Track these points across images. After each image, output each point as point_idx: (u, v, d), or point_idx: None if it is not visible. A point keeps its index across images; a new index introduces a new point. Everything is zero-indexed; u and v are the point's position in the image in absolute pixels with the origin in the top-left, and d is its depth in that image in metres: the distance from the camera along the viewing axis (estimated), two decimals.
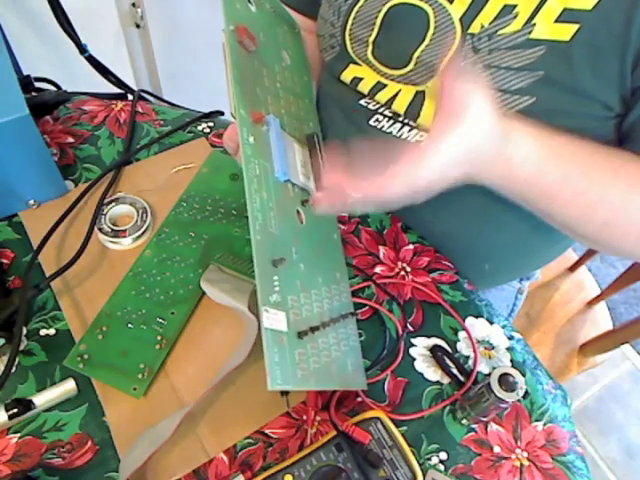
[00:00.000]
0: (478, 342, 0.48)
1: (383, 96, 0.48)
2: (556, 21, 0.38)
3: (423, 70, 0.44)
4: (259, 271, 0.33)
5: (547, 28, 0.38)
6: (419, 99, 0.46)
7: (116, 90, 1.01)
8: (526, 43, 0.39)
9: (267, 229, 0.36)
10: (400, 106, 0.48)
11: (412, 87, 0.46)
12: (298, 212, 0.41)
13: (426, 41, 0.44)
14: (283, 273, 0.36)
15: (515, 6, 0.40)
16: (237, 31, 0.40)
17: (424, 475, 0.40)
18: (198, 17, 1.12)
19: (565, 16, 0.38)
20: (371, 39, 0.47)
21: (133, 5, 1.03)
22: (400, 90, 0.47)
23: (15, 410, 0.39)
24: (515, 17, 0.40)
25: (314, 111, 0.52)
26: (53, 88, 0.70)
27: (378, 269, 0.52)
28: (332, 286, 0.42)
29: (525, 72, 0.40)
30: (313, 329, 0.37)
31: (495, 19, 0.40)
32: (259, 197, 0.36)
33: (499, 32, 0.40)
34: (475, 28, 0.41)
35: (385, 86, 0.48)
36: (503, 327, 0.50)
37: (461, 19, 0.42)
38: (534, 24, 0.39)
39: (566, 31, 0.38)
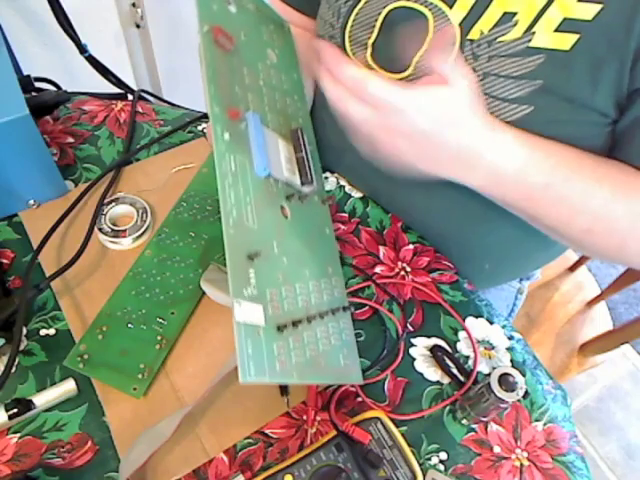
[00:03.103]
0: (478, 342, 0.48)
1: None
2: (556, 30, 0.38)
3: (422, 74, 0.44)
4: (231, 264, 0.33)
5: (547, 37, 0.39)
6: None
7: (116, 90, 1.01)
8: (526, 51, 0.39)
9: (243, 223, 0.36)
10: None
11: None
12: (283, 207, 0.41)
13: (425, 45, 0.44)
14: (261, 266, 0.36)
15: (515, 14, 0.40)
16: (212, 31, 0.40)
17: (424, 475, 0.40)
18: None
19: (565, 26, 0.38)
20: (370, 41, 0.47)
21: (133, 5, 1.03)
22: None
23: (15, 410, 0.39)
24: (515, 25, 0.40)
25: (304, 107, 0.52)
26: (53, 88, 0.70)
27: (378, 269, 0.52)
28: (322, 280, 0.42)
29: (524, 81, 0.40)
30: (296, 323, 0.37)
31: (495, 26, 0.40)
32: (234, 192, 0.36)
33: (499, 39, 0.40)
34: (475, 34, 0.41)
35: None
36: (503, 327, 0.50)
37: (460, 24, 0.42)
38: (534, 32, 0.39)
39: (566, 40, 0.38)
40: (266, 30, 0.50)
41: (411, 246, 0.54)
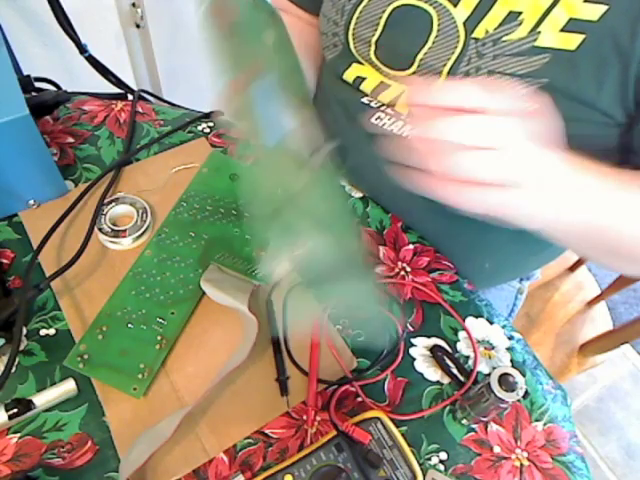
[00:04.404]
0: (478, 342, 0.48)
1: (386, 96, 0.48)
2: (562, 30, 0.38)
3: (426, 72, 0.44)
4: (253, 222, 0.34)
5: (553, 37, 0.39)
6: None
7: (116, 90, 1.01)
8: (531, 50, 0.39)
9: (258, 190, 0.37)
10: (403, 107, 0.47)
11: None
12: (294, 174, 0.41)
13: (429, 43, 0.44)
14: (278, 229, 0.37)
15: (520, 13, 0.40)
16: (212, 8, 0.41)
17: (424, 475, 0.40)
18: (198, 17, 1.12)
19: (571, 26, 0.38)
20: (374, 39, 0.47)
21: (133, 5, 1.03)
22: (404, 91, 0.47)
23: (15, 410, 0.39)
24: (520, 24, 0.40)
25: (305, 83, 0.52)
26: (53, 88, 0.70)
27: (378, 269, 0.52)
28: (340, 244, 0.43)
29: (529, 79, 0.40)
30: (319, 279, 0.38)
31: (500, 25, 0.40)
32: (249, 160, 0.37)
33: (504, 38, 0.40)
34: (479, 33, 0.41)
35: (388, 86, 0.48)
36: (503, 327, 0.50)
37: (465, 23, 0.42)
38: (539, 32, 0.39)
39: (572, 40, 0.38)
40: (261, 17, 0.51)
41: (411, 246, 0.54)
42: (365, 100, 0.50)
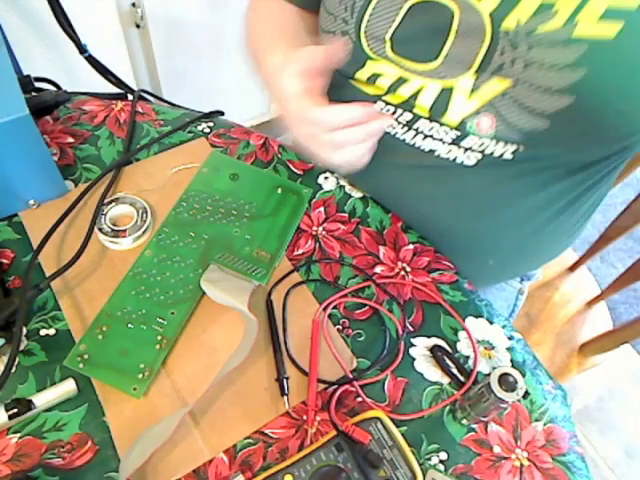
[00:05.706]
0: (478, 342, 0.48)
1: (405, 92, 0.47)
2: (600, 19, 0.37)
3: (455, 64, 0.43)
4: None
5: (590, 26, 0.37)
6: (445, 95, 0.45)
7: (116, 90, 1.01)
8: (568, 40, 0.38)
9: None
10: (425, 102, 0.46)
11: (439, 82, 0.45)
12: None
13: (451, 38, 0.42)
14: None
15: (552, 5, 0.38)
16: None
17: (424, 475, 0.40)
18: (198, 17, 1.12)
19: (609, 14, 0.37)
20: (387, 36, 0.45)
21: (133, 5, 1.04)
22: (424, 86, 0.46)
23: (15, 410, 0.39)
24: (554, 15, 0.38)
25: None
26: (53, 88, 0.70)
27: (378, 269, 0.52)
28: None
29: (567, 70, 0.38)
30: None
31: (533, 16, 0.39)
32: None
33: (538, 29, 0.39)
34: (510, 24, 0.40)
35: (407, 81, 0.46)
36: (503, 327, 0.50)
37: (492, 14, 0.40)
38: (576, 22, 0.38)
39: (611, 28, 0.37)
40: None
41: (411, 246, 0.54)
42: (377, 107, 0.50)
